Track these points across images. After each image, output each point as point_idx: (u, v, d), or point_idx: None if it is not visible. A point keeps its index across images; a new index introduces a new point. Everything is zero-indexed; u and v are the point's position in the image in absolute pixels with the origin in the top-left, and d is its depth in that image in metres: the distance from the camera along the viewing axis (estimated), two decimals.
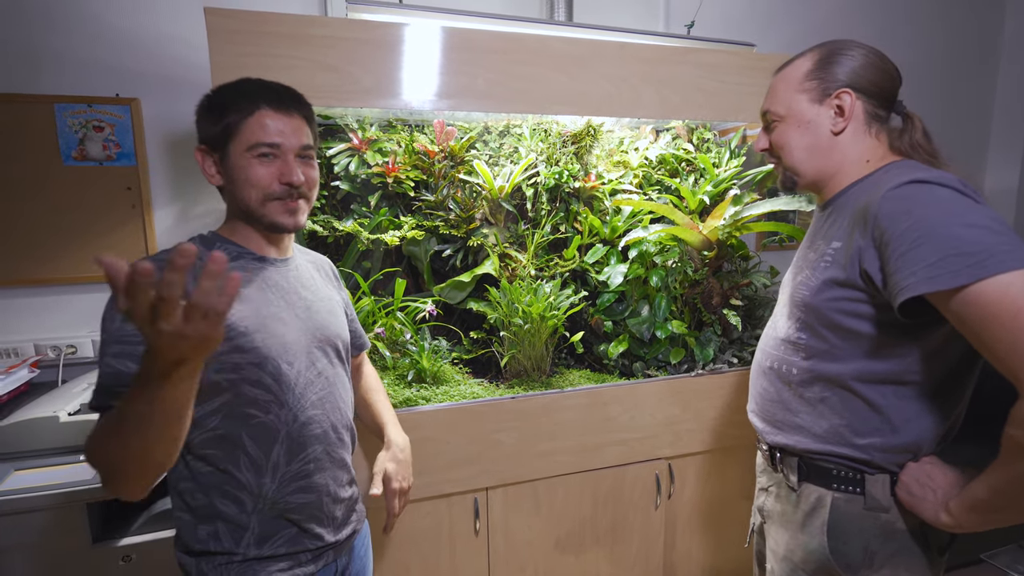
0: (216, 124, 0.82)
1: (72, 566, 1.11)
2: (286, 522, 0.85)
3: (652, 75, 1.46)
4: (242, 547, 0.82)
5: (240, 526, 0.82)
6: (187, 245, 0.49)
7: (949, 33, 2.44)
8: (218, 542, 0.82)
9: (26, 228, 1.51)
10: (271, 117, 0.82)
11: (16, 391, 1.39)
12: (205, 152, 0.84)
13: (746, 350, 1.57)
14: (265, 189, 0.82)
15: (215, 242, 0.85)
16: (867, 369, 0.84)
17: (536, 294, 1.45)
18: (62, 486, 1.08)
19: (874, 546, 0.86)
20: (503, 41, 1.34)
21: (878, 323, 0.82)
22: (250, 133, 0.81)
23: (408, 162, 1.52)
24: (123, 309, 0.50)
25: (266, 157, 0.82)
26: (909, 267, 0.72)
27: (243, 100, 0.82)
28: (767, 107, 0.97)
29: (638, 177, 1.70)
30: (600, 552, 1.48)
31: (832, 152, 0.91)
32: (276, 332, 0.82)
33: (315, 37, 1.21)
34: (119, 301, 0.50)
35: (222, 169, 0.84)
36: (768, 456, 1.00)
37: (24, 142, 1.49)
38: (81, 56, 1.51)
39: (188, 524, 0.83)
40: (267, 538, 0.84)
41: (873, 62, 0.89)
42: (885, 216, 0.76)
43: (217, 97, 0.84)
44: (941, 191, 0.74)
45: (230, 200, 0.86)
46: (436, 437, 1.28)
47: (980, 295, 0.67)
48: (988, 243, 0.68)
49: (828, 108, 0.90)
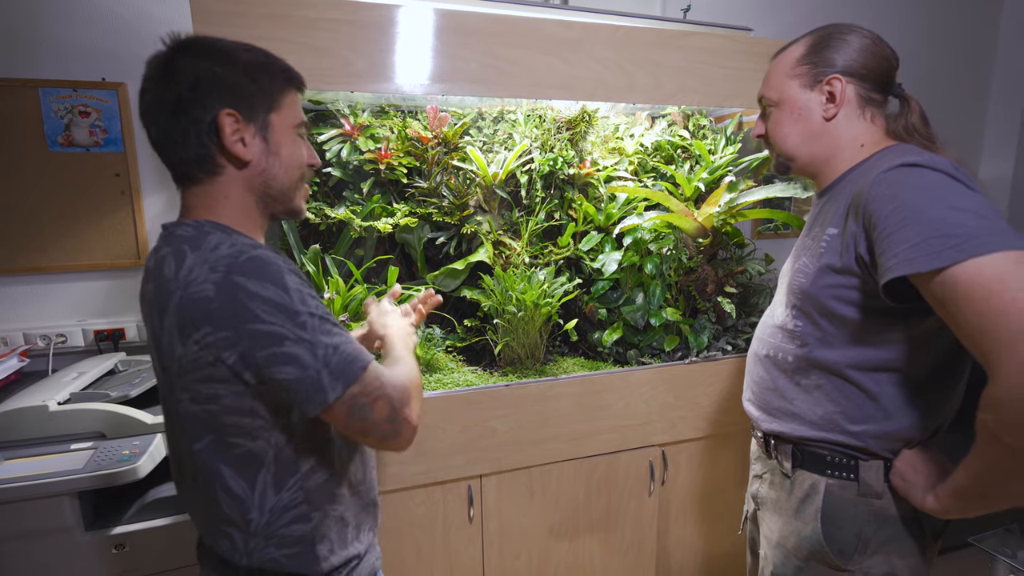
0: (262, 90, 0.72)
1: (65, 555, 1.11)
2: (368, 504, 0.83)
3: (647, 59, 1.44)
4: (351, 546, 0.79)
5: (344, 524, 0.78)
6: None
7: (946, 21, 2.42)
8: (335, 554, 0.76)
9: (13, 215, 1.49)
10: (296, 95, 0.77)
11: (6, 380, 1.38)
12: (236, 119, 0.70)
13: (740, 338, 1.57)
14: (303, 170, 0.78)
15: (231, 233, 0.71)
16: (862, 356, 0.84)
17: (530, 282, 1.44)
18: (54, 475, 1.07)
19: (867, 532, 0.86)
20: (496, 24, 1.32)
21: (871, 310, 0.81)
22: (295, 108, 0.76)
23: (401, 148, 1.50)
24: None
25: (301, 137, 0.78)
26: (892, 249, 0.72)
27: (281, 72, 0.75)
28: (762, 93, 0.98)
29: (633, 164, 1.69)
30: (594, 538, 1.49)
31: (823, 137, 0.91)
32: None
33: (305, 19, 1.18)
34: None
35: (262, 142, 0.72)
36: (762, 443, 1.00)
37: (9, 128, 1.46)
38: (65, 39, 1.48)
39: (300, 557, 0.74)
40: (361, 527, 0.82)
41: (867, 45, 0.88)
42: (874, 199, 0.76)
43: (257, 60, 0.72)
44: (930, 174, 0.73)
45: (257, 179, 0.73)
46: (430, 425, 1.28)
47: (956, 277, 0.67)
48: (971, 226, 0.67)
49: (819, 94, 0.90)
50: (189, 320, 0.64)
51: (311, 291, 0.68)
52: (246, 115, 0.71)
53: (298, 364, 0.64)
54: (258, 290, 0.63)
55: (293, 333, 0.63)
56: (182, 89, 0.68)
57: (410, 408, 0.72)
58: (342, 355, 0.66)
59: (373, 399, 0.68)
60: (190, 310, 0.64)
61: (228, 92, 0.69)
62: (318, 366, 0.64)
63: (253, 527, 0.72)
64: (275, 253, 0.69)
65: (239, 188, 0.73)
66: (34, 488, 1.06)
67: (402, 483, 1.28)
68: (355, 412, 0.67)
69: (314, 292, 0.68)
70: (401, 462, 1.27)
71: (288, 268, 0.67)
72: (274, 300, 0.63)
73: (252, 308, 0.63)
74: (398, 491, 1.29)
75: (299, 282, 0.67)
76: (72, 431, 1.19)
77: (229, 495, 0.71)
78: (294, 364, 0.64)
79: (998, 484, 0.71)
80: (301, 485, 0.73)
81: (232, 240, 0.68)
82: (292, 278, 0.66)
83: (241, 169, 0.72)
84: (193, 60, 0.69)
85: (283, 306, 0.64)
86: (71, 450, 1.15)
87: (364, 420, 0.68)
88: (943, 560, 2.00)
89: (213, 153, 0.70)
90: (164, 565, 1.17)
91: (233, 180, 0.73)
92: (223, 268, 0.63)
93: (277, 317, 0.63)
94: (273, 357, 0.63)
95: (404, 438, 0.72)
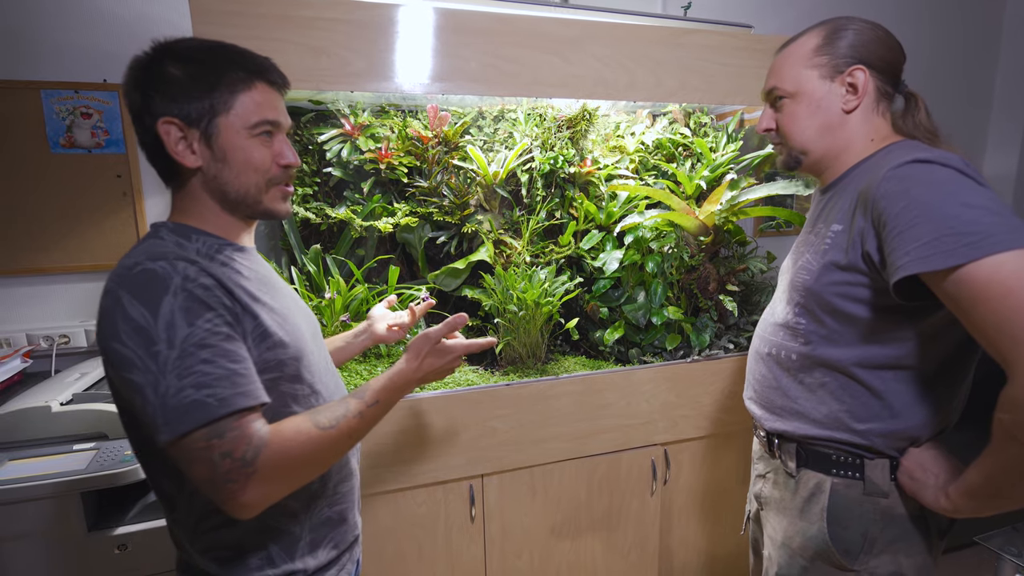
0: (204, 94, 0.68)
1: (67, 555, 1.11)
2: (331, 519, 0.80)
3: (647, 57, 1.44)
4: (298, 561, 0.75)
5: (294, 538, 0.75)
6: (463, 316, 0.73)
7: (950, 17, 2.41)
8: (274, 567, 0.73)
9: (15, 217, 1.49)
10: (268, 92, 0.73)
11: (9, 381, 1.38)
12: (179, 127, 0.68)
13: (742, 336, 1.56)
14: (267, 173, 0.73)
15: (190, 234, 0.71)
16: (867, 354, 0.83)
17: (531, 281, 1.44)
18: (56, 475, 1.08)
19: (874, 531, 0.85)
20: (496, 22, 1.31)
21: (878, 307, 0.80)
22: (252, 108, 0.70)
23: (401, 148, 1.50)
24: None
25: (267, 136, 0.73)
26: (904, 247, 0.71)
27: (237, 69, 0.70)
28: (774, 83, 0.93)
29: (634, 162, 1.68)
30: (596, 538, 1.49)
31: (842, 131, 0.88)
32: (294, 322, 0.77)
33: (303, 18, 1.18)
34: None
35: (206, 148, 0.70)
36: (765, 442, 0.99)
37: (11, 129, 1.47)
38: (67, 41, 1.48)
39: (231, 560, 0.72)
40: (318, 543, 0.78)
41: (880, 37, 0.86)
42: (884, 196, 0.75)
43: (202, 60, 0.69)
44: (941, 171, 0.72)
45: (212, 184, 0.71)
46: (431, 424, 1.28)
47: (972, 275, 0.66)
48: (985, 223, 0.67)
49: (840, 85, 0.87)
50: (98, 327, 0.64)
51: (198, 318, 0.61)
52: (189, 120, 0.68)
53: (141, 395, 0.60)
54: (129, 308, 0.60)
55: (142, 362, 0.60)
56: (135, 98, 0.69)
57: (251, 485, 0.61)
58: (181, 400, 0.59)
59: (204, 457, 0.60)
60: (99, 317, 0.64)
61: (171, 99, 0.68)
62: (156, 403, 0.59)
63: (182, 526, 0.72)
64: (191, 264, 0.64)
65: (202, 192, 0.72)
66: (37, 488, 1.07)
67: (403, 483, 1.28)
68: (182, 462, 0.61)
69: (204, 321, 0.62)
70: (402, 462, 1.27)
71: (179, 288, 0.62)
72: (137, 323, 0.60)
73: (119, 326, 0.61)
74: (399, 491, 1.29)
75: (184, 305, 0.61)
76: (75, 432, 1.19)
77: (162, 495, 0.72)
78: (139, 394, 0.60)
79: (1013, 484, 0.70)
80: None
81: (158, 246, 0.66)
82: (173, 300, 0.61)
83: (196, 175, 0.71)
84: (150, 64, 0.69)
85: (144, 331, 0.60)
86: (74, 450, 1.16)
87: (189, 472, 0.62)
88: (948, 559, 1.99)
89: (167, 160, 0.70)
90: (166, 566, 1.17)
91: (194, 185, 0.72)
92: (115, 279, 0.63)
93: (134, 341, 0.60)
94: (123, 381, 0.61)
95: (230, 507, 0.62)
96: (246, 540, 0.73)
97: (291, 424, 0.66)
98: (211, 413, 0.60)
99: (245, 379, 0.63)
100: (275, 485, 0.64)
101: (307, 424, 0.67)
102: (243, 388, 0.62)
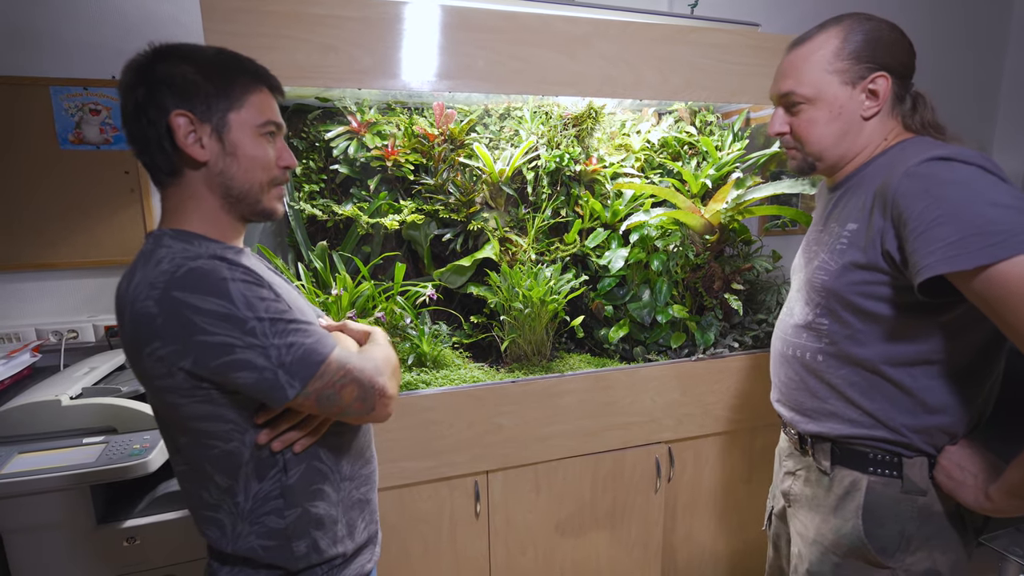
0: (218, 91, 0.70)
1: (76, 547, 1.13)
2: (360, 500, 0.83)
3: (654, 55, 1.44)
4: (340, 546, 0.79)
5: (333, 522, 0.79)
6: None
7: (957, 14, 2.40)
8: (319, 552, 0.77)
9: (24, 212, 1.50)
10: (269, 96, 0.76)
11: (19, 375, 1.39)
12: (190, 120, 0.69)
13: (747, 335, 1.56)
14: (271, 172, 0.76)
15: (192, 240, 0.71)
16: (894, 352, 0.82)
17: (536, 278, 1.44)
18: (66, 468, 1.09)
19: (910, 529, 0.85)
20: (503, 20, 1.32)
21: (901, 305, 0.80)
22: (261, 107, 0.74)
23: (407, 145, 1.50)
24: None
25: (271, 136, 0.75)
26: (928, 247, 0.70)
27: (245, 72, 0.74)
28: (790, 87, 0.88)
29: (640, 160, 1.69)
30: (600, 535, 1.49)
31: (857, 136, 0.87)
32: (308, 317, 0.78)
33: (312, 15, 1.19)
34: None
35: (216, 143, 0.71)
36: (796, 441, 0.98)
37: (21, 125, 1.48)
38: (75, 38, 1.49)
39: (277, 551, 0.75)
40: (353, 525, 0.81)
41: (896, 39, 0.85)
42: (903, 195, 0.74)
43: (212, 61, 0.72)
44: (962, 168, 0.72)
45: (216, 179, 0.72)
46: (436, 420, 1.28)
47: (1000, 275, 0.66)
48: (1012, 222, 0.66)
49: (861, 92, 0.85)
50: (138, 335, 0.65)
51: (260, 293, 0.67)
52: (201, 115, 0.70)
53: (252, 368, 0.65)
54: (199, 303, 0.63)
55: (242, 340, 0.64)
56: (139, 92, 0.69)
57: (382, 381, 0.74)
58: (297, 353, 0.67)
59: (339, 387, 0.70)
60: (137, 326, 0.65)
61: (182, 92, 0.69)
62: (273, 367, 0.66)
63: (240, 510, 0.74)
64: (221, 260, 0.67)
65: (202, 189, 0.72)
66: (47, 481, 1.08)
67: (408, 479, 1.29)
68: (322, 401, 0.70)
69: (264, 293, 0.68)
70: (408, 458, 1.28)
71: (232, 276, 0.66)
72: (217, 312, 0.64)
73: (196, 321, 0.63)
74: (405, 487, 1.30)
75: (245, 287, 0.66)
76: (84, 425, 1.20)
77: (215, 485, 0.73)
78: (248, 368, 0.65)
79: None
80: (279, 479, 0.74)
81: (184, 250, 0.67)
82: (236, 285, 0.66)
83: (199, 170, 0.72)
84: (154, 64, 0.70)
85: (228, 315, 0.64)
86: (83, 444, 1.17)
87: (334, 405, 0.71)
88: None
89: (171, 155, 0.70)
90: (175, 558, 1.18)
91: (195, 181, 0.72)
92: (161, 284, 0.64)
93: (222, 327, 0.64)
94: (226, 365, 0.65)
95: (380, 412, 0.75)
96: (291, 527, 0.76)
97: (344, 353, 0.75)
98: (327, 347, 0.70)
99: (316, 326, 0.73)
100: (393, 380, 0.78)
101: (353, 351, 0.77)
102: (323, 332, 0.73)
